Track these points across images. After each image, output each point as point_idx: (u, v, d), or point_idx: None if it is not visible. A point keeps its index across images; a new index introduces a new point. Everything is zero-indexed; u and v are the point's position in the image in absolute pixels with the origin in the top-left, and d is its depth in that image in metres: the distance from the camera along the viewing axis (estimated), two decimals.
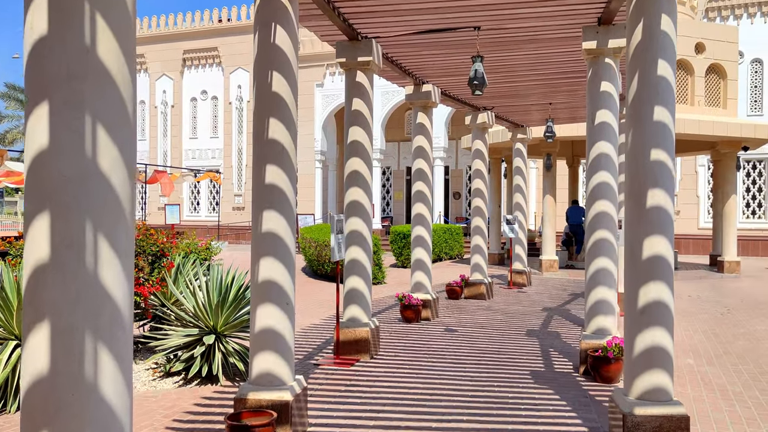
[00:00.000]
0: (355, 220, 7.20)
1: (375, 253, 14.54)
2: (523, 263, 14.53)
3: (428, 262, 9.80)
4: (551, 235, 16.51)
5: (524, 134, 14.39)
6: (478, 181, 12.09)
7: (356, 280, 7.20)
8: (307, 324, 9.36)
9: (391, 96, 27.59)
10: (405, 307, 9.38)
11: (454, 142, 29.36)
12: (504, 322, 9.66)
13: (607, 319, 6.49)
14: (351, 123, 7.23)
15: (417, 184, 9.76)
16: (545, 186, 16.64)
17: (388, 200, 31.19)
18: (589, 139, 6.66)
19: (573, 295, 12.85)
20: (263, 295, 4.56)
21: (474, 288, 12.06)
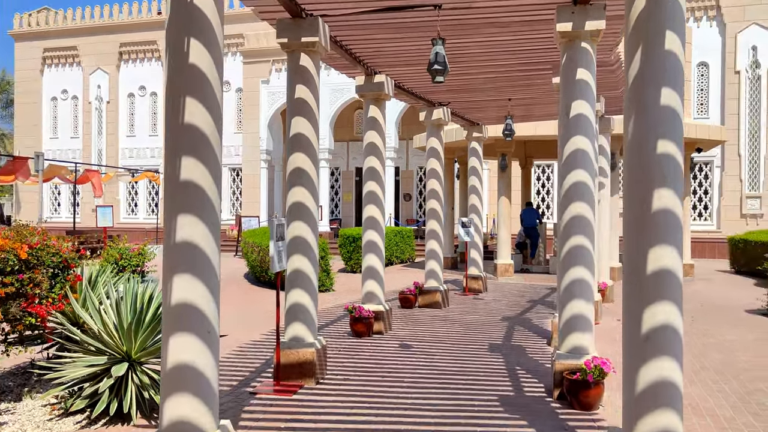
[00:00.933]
0: (298, 224, 6.27)
1: (323, 258, 13.59)
2: (478, 268, 13.84)
3: (381, 269, 8.93)
4: (506, 238, 15.91)
5: (480, 132, 13.71)
6: (433, 182, 11.30)
7: (300, 293, 6.26)
8: (246, 340, 8.35)
9: (340, 94, 26.67)
10: (355, 320, 8.49)
11: (405, 143, 28.65)
12: (463, 334, 8.88)
13: (585, 337, 5.76)
14: (294, 113, 6.29)
15: (369, 184, 8.88)
16: (500, 187, 16.03)
17: (336, 202, 30.23)
18: (563, 133, 5.92)
19: (531, 302, 12.22)
20: (178, 323, 3.59)
21: (429, 296, 11.26)
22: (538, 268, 17.42)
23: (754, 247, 17.37)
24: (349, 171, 29.90)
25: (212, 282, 3.68)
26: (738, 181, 24.61)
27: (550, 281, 15.49)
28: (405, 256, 20.93)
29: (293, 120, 6.29)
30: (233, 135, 30.30)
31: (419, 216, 28.86)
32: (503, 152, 16.02)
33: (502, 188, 15.98)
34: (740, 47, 24.52)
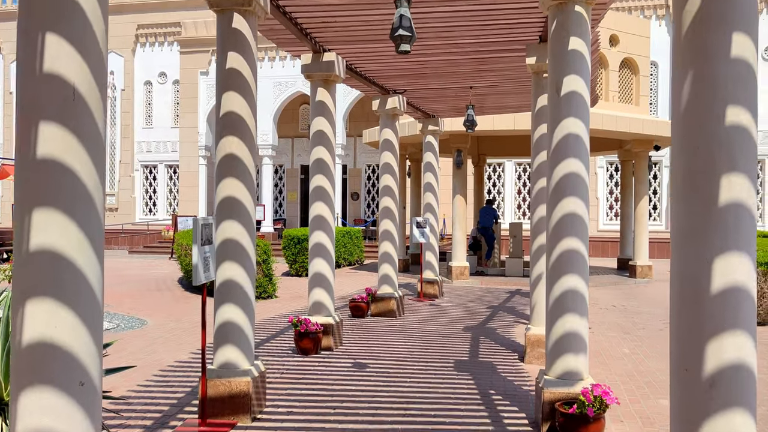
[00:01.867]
0: (230, 225, 5.08)
1: (265, 261, 12.34)
2: (434, 272, 12.87)
3: (330, 276, 7.80)
4: (462, 238, 15.01)
5: (436, 126, 12.74)
6: (387, 178, 10.24)
7: (232, 310, 5.08)
8: (171, 361, 7.07)
9: (285, 87, 25.34)
10: (301, 335, 7.32)
11: (353, 139, 27.54)
12: (424, 349, 7.84)
13: (579, 359, 4.80)
14: (225, 87, 5.10)
15: (316, 178, 7.74)
16: (455, 185, 15.12)
17: (281, 201, 28.85)
18: (553, 115, 4.95)
19: (492, 308, 11.31)
20: (31, 372, 2.38)
21: (383, 303, 10.19)
22: (493, 270, 16.62)
23: None
24: (294, 168, 28.57)
25: (90, 310, 2.49)
26: None
27: (508, 284, 14.68)
28: (353, 257, 19.83)
29: (224, 96, 5.10)
30: (170, 130, 28.51)
31: (367, 216, 27.81)
32: (458, 148, 15.12)
33: (457, 186, 15.07)
34: None
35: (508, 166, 26.64)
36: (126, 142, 28.83)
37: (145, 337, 8.48)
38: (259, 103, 25.31)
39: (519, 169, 26.72)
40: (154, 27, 28.63)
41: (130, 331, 8.89)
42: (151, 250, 24.93)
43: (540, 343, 7.00)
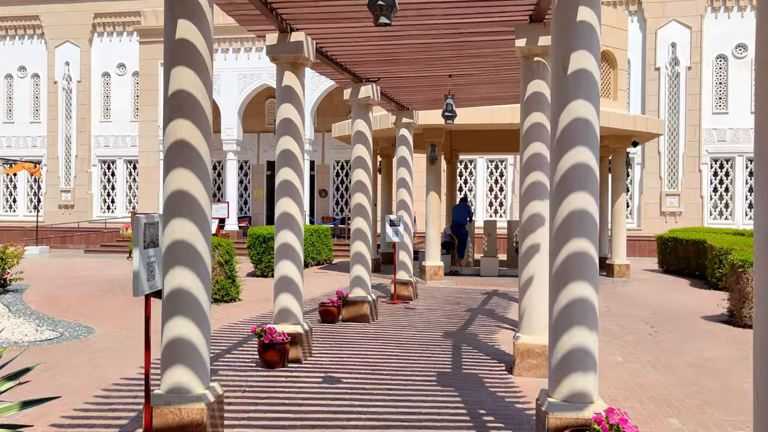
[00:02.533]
0: (180, 224, 4.30)
1: (227, 262, 11.51)
2: (408, 272, 12.20)
3: (299, 279, 7.05)
4: (435, 237, 14.38)
5: (410, 118, 12.06)
6: (360, 173, 9.52)
7: (183, 324, 4.30)
8: (117, 378, 6.24)
9: (250, 80, 24.38)
10: (266, 346, 6.56)
11: (321, 135, 26.72)
12: (402, 359, 7.15)
13: (588, 379, 4.16)
14: (174, 60, 4.32)
15: (283, 171, 6.98)
16: (429, 181, 14.48)
17: (246, 198, 27.86)
18: (557, 98, 4.28)
19: (470, 311, 10.68)
20: None
21: (355, 308, 9.47)
22: (468, 270, 16.03)
23: (685, 246, 16.78)
24: (259, 165, 27.61)
25: None
26: (658, 178, 24.44)
27: (484, 285, 14.10)
28: (322, 257, 19.07)
29: (173, 72, 4.32)
30: (129, 124, 27.31)
31: (336, 213, 27.03)
32: (433, 143, 14.47)
33: (431, 183, 14.43)
34: (660, 44, 24.33)
35: (479, 163, 26.17)
36: (83, 137, 27.50)
37: (90, 348, 7.60)
38: (223, 96, 24.32)
39: (491, 166, 26.27)
40: (112, 16, 27.36)
41: (74, 341, 8.00)
42: (108, 249, 23.76)
43: (531, 353, 6.38)
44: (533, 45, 6.42)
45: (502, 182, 26.16)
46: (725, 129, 24.33)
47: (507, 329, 9.04)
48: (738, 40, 24.16)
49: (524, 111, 6.62)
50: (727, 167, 24.52)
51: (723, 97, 24.40)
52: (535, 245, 6.46)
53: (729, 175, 24.49)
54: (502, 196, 26.17)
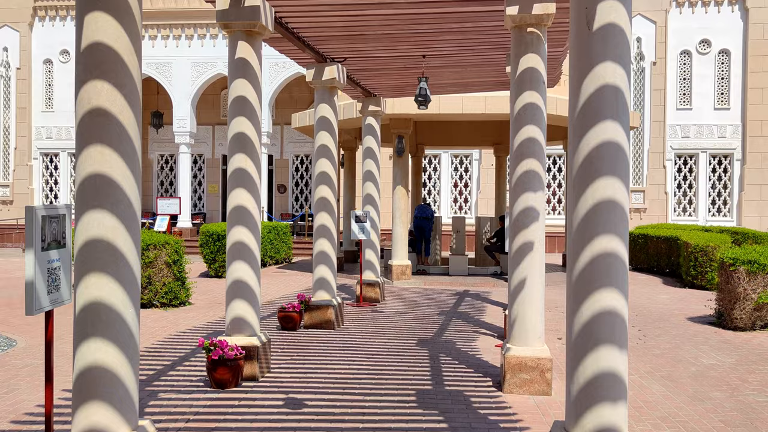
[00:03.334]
0: (98, 217, 3.30)
1: (176, 262, 10.42)
2: (375, 272, 11.30)
3: (255, 284, 6.07)
4: (403, 234, 13.53)
5: (378, 106, 11.15)
6: (324, 163, 8.57)
7: (103, 348, 3.31)
8: (32, 406, 5.16)
9: (203, 69, 23.09)
10: (216, 363, 5.57)
11: (279, 128, 25.59)
12: (375, 374, 6.25)
13: (618, 411, 3.33)
14: (89, 4, 3.31)
15: (237, 159, 6.00)
16: (396, 174, 13.62)
17: (200, 193, 26.50)
18: (580, 60, 3.43)
19: (443, 314, 9.86)
20: None
21: (318, 313, 8.53)
22: (436, 268, 15.23)
23: (656, 243, 16.34)
24: (215, 158, 26.29)
25: None
26: None
27: (454, 285, 13.31)
28: (281, 255, 18.02)
29: (87, 20, 3.31)
30: (74, 114, 25.64)
31: (295, 210, 25.94)
32: (400, 133, 13.61)
33: (398, 176, 13.57)
34: None
35: (444, 158, 25.45)
36: (22, 128, 25.70)
37: (7, 365, 6.48)
38: (175, 86, 22.97)
39: (455, 161, 25.58)
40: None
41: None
42: None
43: (523, 367, 5.56)
44: (526, 13, 5.60)
45: (467, 178, 25.51)
46: (689, 125, 24.19)
47: (486, 335, 8.24)
48: (702, 36, 24.03)
49: (516, 90, 5.80)
50: (691, 163, 24.39)
51: (687, 93, 24.25)
52: (528, 243, 5.64)
53: (693, 171, 24.37)
54: (467, 192, 25.52)
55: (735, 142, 24.19)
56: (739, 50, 24.08)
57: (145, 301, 10.06)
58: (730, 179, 24.31)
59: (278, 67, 22.69)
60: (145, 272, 9.97)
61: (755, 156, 23.96)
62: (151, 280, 10.05)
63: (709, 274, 13.22)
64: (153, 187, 26.36)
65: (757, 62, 23.80)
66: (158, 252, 10.13)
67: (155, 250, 10.10)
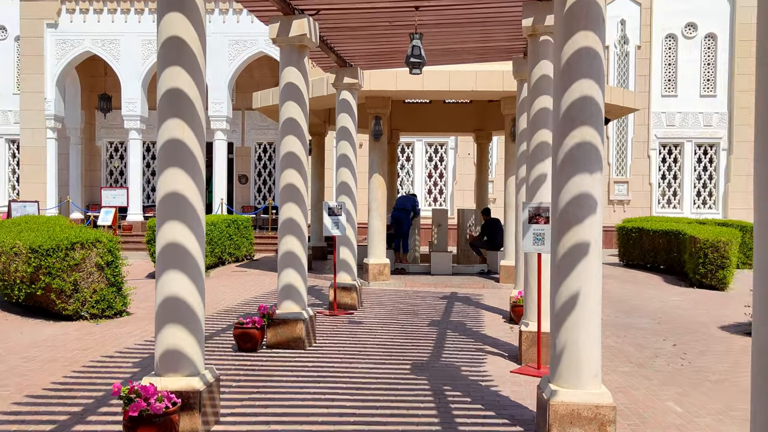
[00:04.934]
0: None
1: (110, 264, 8.57)
2: (351, 274, 9.63)
3: (197, 302, 4.33)
4: (380, 228, 11.88)
5: (354, 78, 9.45)
6: (291, 141, 6.85)
7: None
8: None
9: (155, 46, 20.93)
10: (136, 422, 3.81)
11: (240, 114, 23.63)
12: (363, 423, 4.58)
13: None
14: None
15: (169, 126, 4.25)
16: (372, 161, 11.94)
17: (154, 184, 24.35)
18: None
19: (434, 324, 8.25)
20: None
21: (285, 328, 6.82)
22: (416, 267, 13.61)
23: (652, 238, 15.03)
24: None
25: None
26: (606, 165, 22.92)
27: (438, 286, 11.73)
28: (241, 252, 16.19)
29: None
30: (11, 97, 23.23)
31: (258, 202, 24.03)
32: (377, 114, 11.92)
33: (376, 162, 11.90)
34: (609, 20, 22.71)
35: (417, 147, 23.86)
36: None
37: None
38: (124, 65, 20.79)
39: (430, 150, 24.01)
40: None
41: None
42: None
43: (577, 418, 3.97)
44: None
45: (442, 168, 23.97)
46: (674, 113, 23.08)
47: (494, 355, 6.66)
48: (688, 19, 22.90)
49: (564, 31, 4.16)
50: (676, 153, 23.32)
51: (672, 79, 23.12)
52: (581, 244, 4.04)
53: (678, 161, 23.29)
54: (442, 183, 23.98)
55: (721, 131, 23.17)
56: (726, 34, 23.03)
57: (70, 312, 8.19)
58: (716, 170, 23.32)
59: (238, 45, 20.74)
60: (71, 277, 8.10)
61: (742, 145, 22.99)
62: (78, 287, 8.18)
63: (720, 272, 11.92)
64: (101, 178, 24.14)
65: (744, 47, 22.78)
66: (86, 252, 8.27)
67: (83, 250, 8.23)
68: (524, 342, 6.25)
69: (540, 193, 6.30)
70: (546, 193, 6.27)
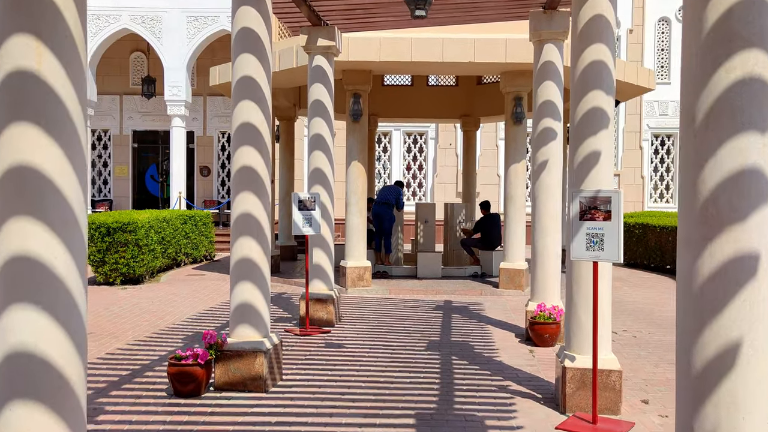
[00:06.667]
0: None
1: None
2: (328, 282, 7.83)
3: (76, 375, 2.49)
4: (360, 225, 10.10)
5: (331, 39, 7.64)
6: (248, 108, 5.01)
7: None
8: None
9: (104, 23, 18.79)
10: None
11: (202, 100, 21.57)
12: None
13: None
14: None
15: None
16: (351, 147, 10.14)
17: (106, 176, 22.15)
18: None
19: (433, 348, 6.52)
20: None
21: (240, 364, 4.99)
22: (400, 269, 11.84)
23: (659, 235, 13.55)
24: (124, 135, 22.00)
25: None
26: None
27: (428, 293, 10.01)
28: (200, 252, 14.25)
29: None
30: None
31: (222, 196, 22.01)
32: (356, 91, 10.12)
33: (354, 149, 10.11)
34: None
35: (395, 137, 22.12)
36: None
37: None
38: None
39: (409, 140, 22.29)
40: None
41: None
42: None
43: None
44: None
45: (422, 159, 22.27)
46: (668, 101, 21.76)
47: (524, 397, 4.94)
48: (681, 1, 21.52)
49: None
50: (669, 144, 22.01)
51: (666, 66, 21.78)
52: (746, 257, 2.30)
53: (670, 153, 21.99)
54: (421, 175, 22.28)
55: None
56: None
57: None
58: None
59: (198, 22, 18.70)
60: None
61: None
62: None
63: None
64: None
65: None
66: None
67: None
68: (570, 382, 4.55)
69: (591, 178, 4.60)
70: (602, 176, 4.59)
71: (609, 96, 4.60)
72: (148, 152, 22.42)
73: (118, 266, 10.64)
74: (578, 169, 4.67)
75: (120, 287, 10.53)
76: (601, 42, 4.58)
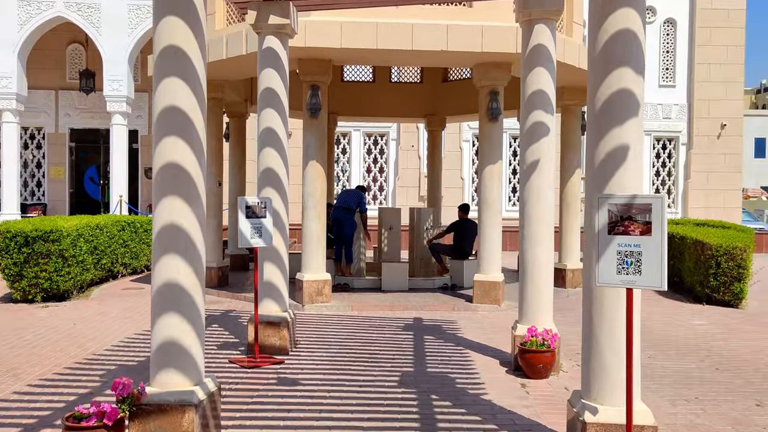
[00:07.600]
0: None
1: None
2: (280, 302, 6.67)
3: None
4: (319, 231, 8.97)
5: (285, 17, 6.50)
6: (174, 86, 3.84)
7: None
8: None
9: (36, 9, 17.11)
10: None
11: (146, 96, 20.03)
12: None
13: None
14: None
15: None
16: (308, 145, 9.00)
17: (39, 178, 20.38)
18: None
19: (407, 382, 5.45)
20: None
21: (161, 421, 3.81)
22: (362, 281, 10.72)
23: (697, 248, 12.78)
24: (59, 134, 20.28)
25: None
26: None
27: (395, 309, 8.94)
28: (140, 262, 12.87)
29: None
30: None
31: None
32: (315, 83, 8.98)
33: (312, 146, 8.97)
34: None
35: (355, 138, 21.05)
36: None
37: None
38: None
39: (369, 142, 21.25)
40: None
41: None
42: None
43: None
44: None
45: (383, 162, 21.24)
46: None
47: None
48: (646, 3, 21.08)
49: None
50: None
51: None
52: None
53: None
54: (382, 178, 21.26)
55: (681, 124, 21.58)
56: (686, 20, 21.43)
57: None
58: (675, 165, 21.70)
59: (140, 11, 17.23)
60: None
61: (701, 140, 21.46)
62: None
63: (736, 285, 9.72)
64: None
65: (704, 34, 21.25)
66: None
67: None
68: None
69: (617, 180, 3.61)
70: (630, 177, 3.60)
71: (638, 76, 3.62)
72: (87, 152, 20.73)
73: (39, 281, 9.24)
74: (599, 168, 3.67)
75: (41, 305, 9.13)
76: (630, 6, 3.60)
